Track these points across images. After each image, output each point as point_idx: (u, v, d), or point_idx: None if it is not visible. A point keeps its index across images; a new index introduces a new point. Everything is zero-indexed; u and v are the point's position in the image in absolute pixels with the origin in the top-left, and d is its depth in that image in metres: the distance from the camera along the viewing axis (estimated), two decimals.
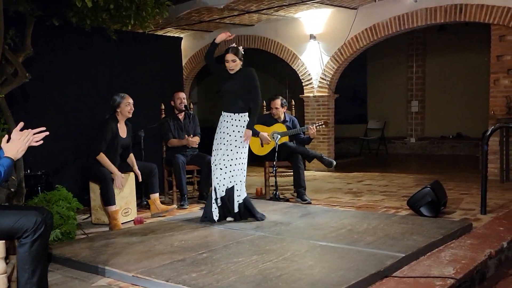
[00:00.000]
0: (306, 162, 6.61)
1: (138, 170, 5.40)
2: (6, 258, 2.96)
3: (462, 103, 11.40)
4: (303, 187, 6.10)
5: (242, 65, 4.90)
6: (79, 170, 5.80)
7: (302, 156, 6.24)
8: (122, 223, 5.11)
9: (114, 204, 5.05)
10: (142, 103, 5.99)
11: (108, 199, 5.02)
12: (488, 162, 5.38)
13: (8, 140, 2.80)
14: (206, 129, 6.76)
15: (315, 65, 9.27)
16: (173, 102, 6.32)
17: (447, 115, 11.78)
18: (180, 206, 5.97)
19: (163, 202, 5.89)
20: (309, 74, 9.38)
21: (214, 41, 4.92)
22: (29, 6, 4.64)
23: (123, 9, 5.07)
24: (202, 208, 5.47)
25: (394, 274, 3.30)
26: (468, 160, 9.82)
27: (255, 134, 6.14)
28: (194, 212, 5.56)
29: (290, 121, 6.49)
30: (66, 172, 5.75)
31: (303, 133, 6.56)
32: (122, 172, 5.26)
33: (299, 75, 9.58)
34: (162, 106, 6.43)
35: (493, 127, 5.52)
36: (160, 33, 9.38)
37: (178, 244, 4.10)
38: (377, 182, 7.66)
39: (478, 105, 10.47)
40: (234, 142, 4.86)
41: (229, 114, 4.91)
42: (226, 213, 4.92)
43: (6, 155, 2.74)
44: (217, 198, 4.89)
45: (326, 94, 9.22)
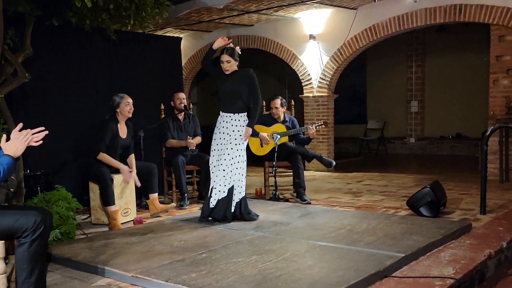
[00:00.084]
0: (306, 162, 6.61)
1: (136, 176, 5.32)
2: (6, 258, 2.96)
3: (462, 103, 11.40)
4: (303, 187, 6.10)
5: (238, 65, 4.92)
6: (79, 170, 5.80)
7: (302, 156, 6.24)
8: (122, 223, 5.11)
9: (114, 204, 5.05)
10: (142, 103, 5.99)
11: (107, 199, 5.02)
12: (487, 162, 5.39)
13: (7, 140, 2.80)
14: (206, 129, 6.75)
15: (315, 65, 9.27)
16: (172, 102, 6.32)
17: (447, 115, 11.79)
18: (180, 206, 5.97)
19: (163, 202, 5.89)
20: (308, 74, 9.38)
21: (211, 47, 4.92)
22: (28, 6, 4.64)
23: (123, 9, 5.07)
24: (201, 208, 5.48)
25: (394, 274, 3.30)
26: (467, 160, 9.81)
27: (255, 134, 6.14)
28: (194, 212, 5.56)
29: (289, 121, 6.49)
30: (65, 172, 5.75)
31: (303, 133, 6.57)
32: (120, 173, 5.26)
33: (299, 75, 9.58)
34: (162, 106, 6.43)
35: (492, 127, 5.52)
36: (159, 33, 9.37)
37: (178, 244, 4.10)
38: (376, 182, 7.66)
39: (478, 105, 10.48)
40: (234, 140, 4.87)
41: (228, 115, 4.90)
42: (218, 213, 4.85)
43: (5, 153, 2.74)
44: (213, 198, 4.88)
45: (326, 94, 9.23)
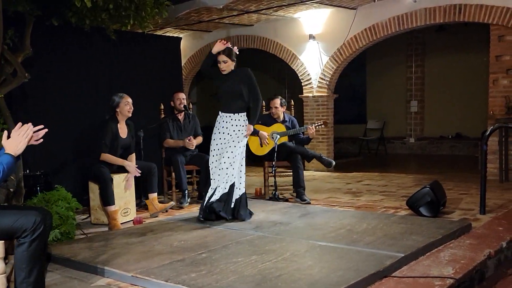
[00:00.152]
0: (306, 162, 6.62)
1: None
2: (5, 258, 2.96)
3: (461, 103, 11.41)
4: (303, 187, 6.10)
5: (236, 65, 4.94)
6: (79, 170, 5.80)
7: (302, 156, 6.24)
8: (122, 223, 5.11)
9: (114, 204, 5.05)
10: (141, 103, 5.99)
11: (107, 199, 5.02)
12: (487, 162, 5.39)
13: (8, 138, 2.79)
14: (206, 129, 6.74)
15: (315, 65, 9.27)
16: (172, 103, 6.32)
17: (446, 115, 11.79)
18: (179, 204, 5.98)
19: (162, 202, 5.89)
20: (308, 74, 9.38)
21: (210, 51, 4.91)
22: (28, 6, 4.64)
23: (122, 9, 5.07)
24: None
25: (394, 274, 3.30)
26: (467, 160, 9.82)
27: (255, 133, 6.14)
28: (193, 212, 5.55)
29: (289, 121, 6.49)
30: (65, 172, 5.74)
31: (302, 133, 6.57)
32: (121, 172, 5.27)
33: (298, 75, 9.58)
34: (162, 106, 6.43)
35: (492, 127, 5.52)
36: (159, 33, 9.37)
37: (178, 244, 4.10)
38: (376, 182, 7.66)
39: (477, 105, 10.48)
40: (236, 138, 4.90)
41: (228, 115, 4.91)
42: (217, 210, 4.86)
43: (6, 152, 2.73)
44: (216, 196, 4.88)
45: (325, 94, 9.22)
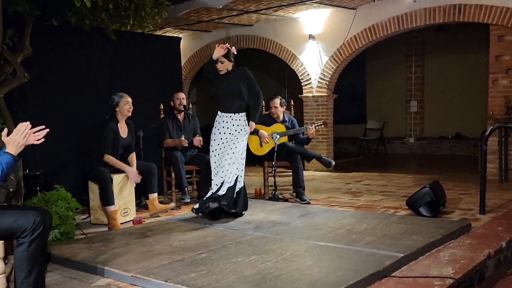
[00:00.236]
0: (305, 162, 6.62)
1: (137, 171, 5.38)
2: (5, 258, 2.96)
3: (461, 103, 11.41)
4: (302, 187, 6.09)
5: (233, 65, 4.96)
6: (78, 170, 5.80)
7: (301, 156, 6.24)
8: (121, 223, 5.11)
9: (113, 204, 5.04)
10: (141, 103, 5.98)
11: (107, 199, 5.02)
12: (487, 162, 5.40)
13: (8, 134, 2.80)
14: (205, 129, 6.74)
15: (314, 65, 9.27)
16: (172, 102, 6.32)
17: (446, 115, 11.79)
18: (181, 200, 5.99)
19: (162, 202, 5.88)
20: (308, 74, 9.38)
21: (211, 57, 4.91)
22: (28, 6, 4.64)
23: (122, 9, 5.07)
24: (200, 200, 5.47)
25: (393, 274, 3.30)
26: (467, 160, 9.82)
27: (255, 132, 6.14)
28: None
29: (289, 121, 6.49)
30: (65, 172, 5.74)
31: (302, 133, 6.57)
32: (120, 172, 5.26)
33: (298, 75, 9.58)
34: (161, 106, 6.43)
35: (492, 127, 5.53)
36: (159, 33, 9.37)
37: (177, 244, 4.10)
38: (376, 182, 7.66)
39: (477, 105, 10.49)
40: (239, 136, 4.93)
41: (228, 115, 4.92)
42: (225, 200, 4.90)
43: (6, 150, 2.73)
44: (222, 190, 4.90)
45: (325, 94, 9.22)
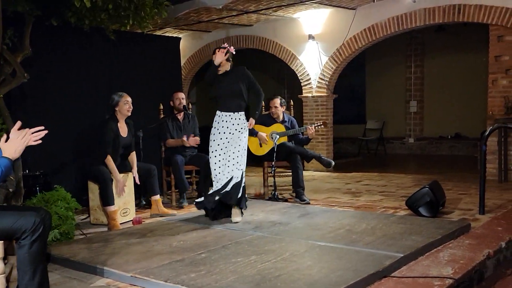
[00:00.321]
0: (305, 162, 6.62)
1: (137, 173, 5.38)
2: (5, 259, 2.96)
3: (461, 103, 11.41)
4: (302, 187, 6.10)
5: (232, 65, 4.98)
6: (78, 170, 5.80)
7: (301, 156, 6.24)
8: (121, 223, 5.11)
9: (113, 204, 5.04)
10: (141, 103, 5.99)
11: (107, 199, 5.02)
12: (486, 162, 5.41)
13: (6, 140, 2.79)
14: (205, 129, 6.74)
15: (314, 65, 9.27)
16: (172, 102, 6.32)
17: (446, 115, 11.79)
18: (179, 204, 5.98)
19: (162, 202, 5.88)
20: (307, 74, 9.39)
21: (213, 62, 4.91)
22: (27, 6, 4.64)
23: (122, 9, 5.07)
24: (205, 195, 5.47)
25: (393, 274, 3.30)
26: (466, 160, 9.82)
27: (254, 133, 6.15)
28: (193, 212, 5.55)
29: (288, 121, 6.49)
30: (64, 172, 5.74)
31: (302, 133, 6.57)
32: (121, 172, 5.26)
33: (298, 75, 9.58)
34: (161, 106, 6.43)
35: (491, 127, 5.53)
36: (158, 33, 9.37)
37: (177, 244, 4.10)
38: (375, 182, 7.66)
39: (477, 105, 10.50)
40: (240, 135, 4.93)
41: (228, 114, 4.92)
42: (233, 198, 4.89)
43: (3, 155, 2.73)
44: (230, 185, 4.89)
45: (325, 94, 9.22)
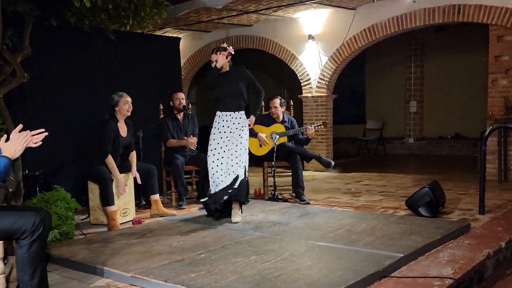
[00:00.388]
0: (305, 163, 6.62)
1: (137, 172, 5.39)
2: (5, 259, 2.96)
3: (461, 104, 11.41)
4: (302, 187, 6.10)
5: (230, 65, 5.00)
6: (78, 171, 5.80)
7: (301, 156, 6.24)
8: (121, 224, 5.10)
9: (113, 204, 5.04)
10: (141, 103, 5.98)
11: (107, 199, 5.02)
12: (486, 162, 5.41)
13: (7, 140, 2.79)
14: (205, 129, 6.74)
15: (314, 65, 9.27)
16: (172, 102, 6.32)
17: (446, 115, 11.79)
18: (178, 206, 5.97)
19: (162, 202, 5.88)
20: (307, 75, 9.39)
21: (216, 66, 4.91)
22: (27, 6, 4.64)
23: (122, 9, 5.07)
24: (201, 208, 5.48)
25: (393, 274, 3.30)
26: (466, 160, 9.82)
27: (253, 134, 6.15)
28: (193, 212, 5.56)
29: (288, 121, 6.50)
30: (64, 172, 5.74)
31: (302, 133, 6.57)
32: (121, 172, 5.26)
33: (298, 76, 9.58)
34: (161, 106, 6.43)
35: (491, 127, 5.53)
36: (158, 33, 9.36)
37: (177, 244, 4.10)
38: (375, 182, 7.66)
39: (476, 105, 10.50)
40: (240, 132, 4.93)
41: (228, 113, 4.93)
42: (241, 196, 4.89)
43: (3, 154, 2.73)
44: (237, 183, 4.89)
45: (325, 94, 9.23)
